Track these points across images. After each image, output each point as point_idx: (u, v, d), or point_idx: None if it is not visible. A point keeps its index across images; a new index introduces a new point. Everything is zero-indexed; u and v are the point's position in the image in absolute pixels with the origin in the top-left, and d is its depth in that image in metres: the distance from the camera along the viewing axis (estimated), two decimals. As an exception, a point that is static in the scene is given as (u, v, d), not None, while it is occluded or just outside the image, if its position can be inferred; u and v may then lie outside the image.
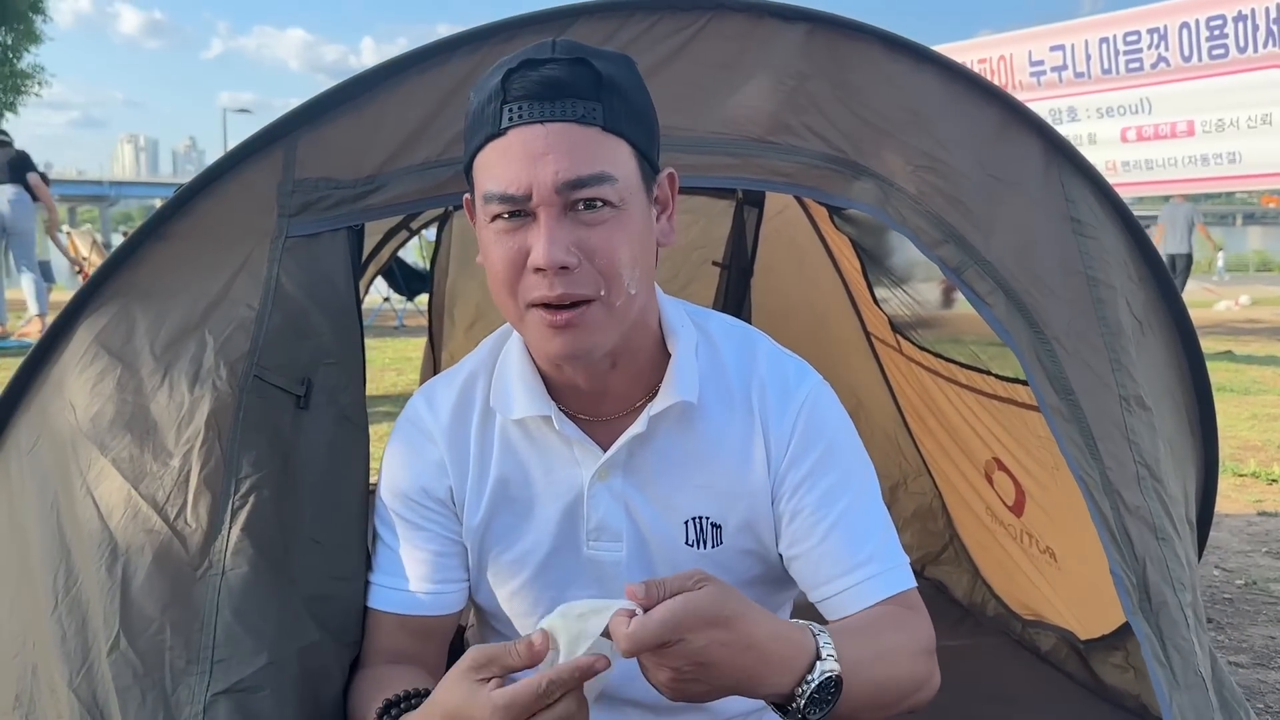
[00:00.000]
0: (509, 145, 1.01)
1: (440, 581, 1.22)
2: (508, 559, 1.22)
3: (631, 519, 1.19)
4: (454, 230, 3.31)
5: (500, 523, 1.21)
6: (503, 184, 1.01)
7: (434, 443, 1.22)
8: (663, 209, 1.13)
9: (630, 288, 1.05)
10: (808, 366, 1.24)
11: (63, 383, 1.28)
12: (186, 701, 1.10)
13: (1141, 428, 1.46)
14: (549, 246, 0.99)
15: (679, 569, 1.16)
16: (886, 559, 1.16)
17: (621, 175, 1.02)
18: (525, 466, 1.20)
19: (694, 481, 1.17)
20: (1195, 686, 1.34)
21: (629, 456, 1.17)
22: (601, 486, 1.18)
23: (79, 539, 1.20)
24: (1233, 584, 2.97)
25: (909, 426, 2.89)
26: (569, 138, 1.00)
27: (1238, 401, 6.16)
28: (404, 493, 1.23)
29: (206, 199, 1.33)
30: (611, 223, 1.02)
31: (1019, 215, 1.50)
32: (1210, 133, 6.54)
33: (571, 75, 1.01)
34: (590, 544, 1.20)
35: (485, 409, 1.21)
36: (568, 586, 1.21)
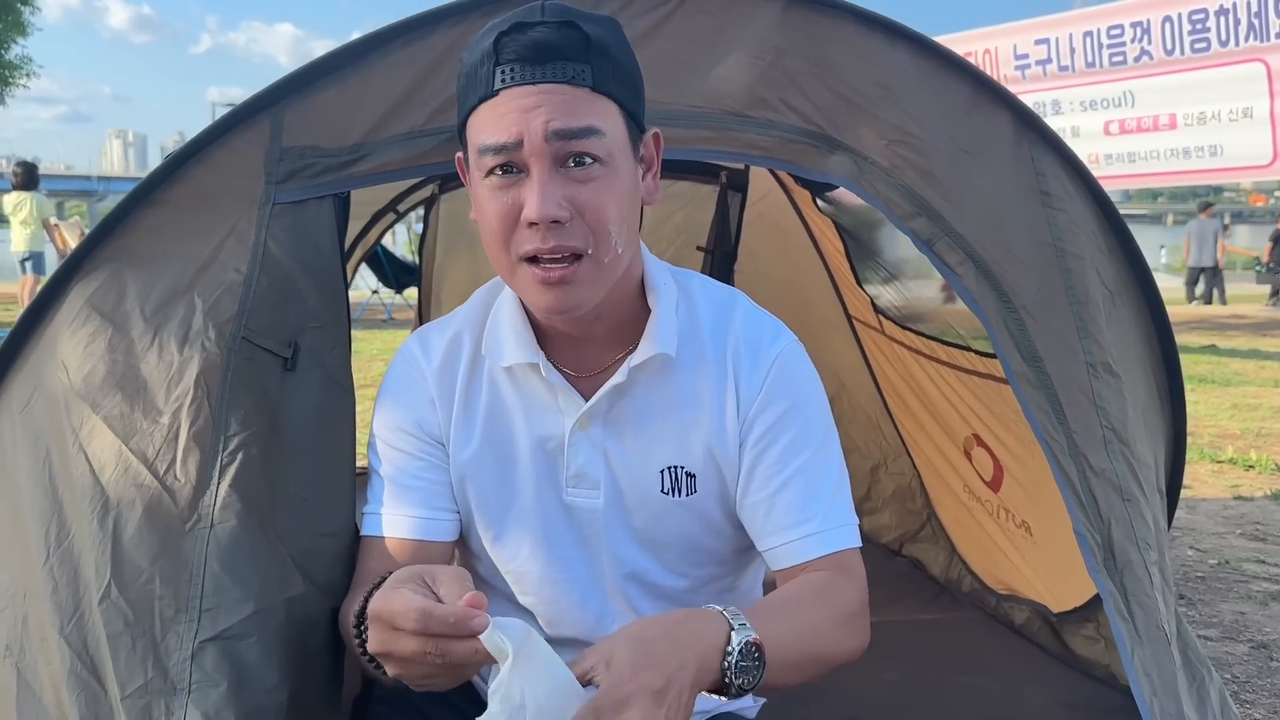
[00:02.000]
0: (500, 104, 1.05)
1: (433, 509, 1.25)
2: (492, 501, 1.26)
3: (609, 467, 1.23)
4: (440, 214, 3.34)
5: (484, 465, 1.25)
6: (495, 136, 1.04)
7: (425, 380, 1.26)
8: (648, 168, 1.16)
9: (617, 244, 1.08)
10: (783, 327, 1.27)
11: (55, 344, 1.31)
12: (175, 648, 1.13)
13: (1109, 393, 1.51)
14: (541, 200, 1.03)
15: (654, 515, 1.22)
16: (833, 517, 1.19)
17: (610, 132, 1.06)
18: (510, 412, 1.24)
19: (670, 432, 1.21)
20: (1157, 641, 1.39)
21: (609, 408, 1.21)
22: (582, 436, 1.22)
23: (71, 494, 1.23)
24: (1206, 563, 3.02)
25: (889, 408, 2.94)
26: (559, 95, 1.03)
27: (1219, 392, 6.23)
28: (399, 425, 1.26)
29: (196, 166, 1.35)
30: (601, 179, 1.06)
31: (989, 188, 1.54)
32: (1192, 125, 6.60)
33: (561, 38, 1.04)
34: (570, 490, 1.24)
35: (474, 355, 1.25)
36: (548, 532, 1.25)
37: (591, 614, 1.28)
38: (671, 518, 1.23)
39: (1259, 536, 3.30)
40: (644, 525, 1.24)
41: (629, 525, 1.24)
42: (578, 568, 1.26)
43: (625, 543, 1.25)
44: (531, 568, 1.27)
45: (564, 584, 1.27)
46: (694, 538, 1.25)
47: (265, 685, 1.13)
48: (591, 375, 1.22)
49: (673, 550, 1.25)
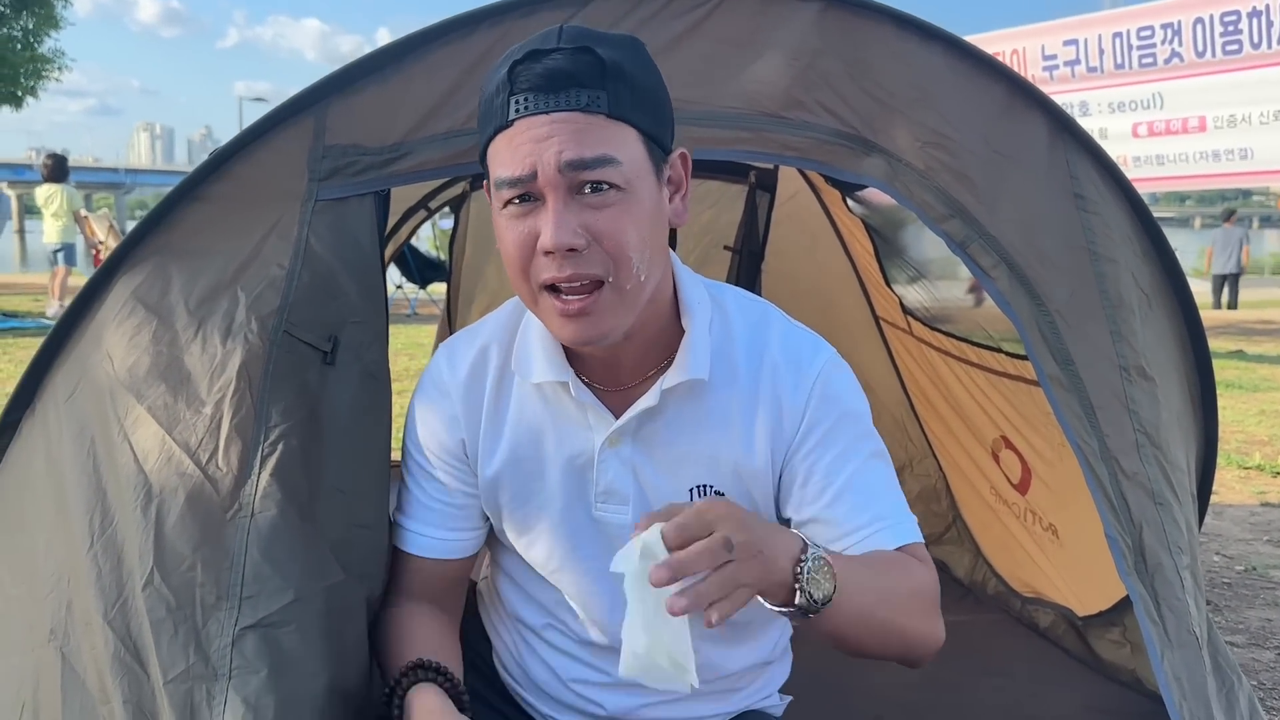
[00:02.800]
0: (515, 134, 1.04)
1: (451, 530, 1.29)
2: (521, 515, 1.27)
3: (638, 484, 1.23)
4: (471, 212, 3.36)
5: (514, 480, 1.26)
6: (510, 169, 1.04)
7: (448, 398, 1.27)
8: (676, 189, 1.15)
9: (640, 270, 1.07)
10: (821, 341, 1.26)
11: (101, 335, 1.34)
12: (216, 635, 1.15)
13: (1142, 397, 1.51)
14: (555, 229, 1.03)
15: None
16: (895, 514, 1.19)
17: (627, 159, 1.05)
18: (540, 428, 1.25)
19: (700, 451, 1.21)
20: (1188, 645, 1.39)
21: (639, 426, 1.21)
22: (611, 452, 1.22)
23: (115, 482, 1.26)
24: (1233, 569, 3.01)
25: (915, 410, 2.94)
26: (573, 124, 1.02)
27: (1246, 398, 6.18)
28: (421, 444, 1.29)
29: (240, 163, 1.38)
30: (618, 206, 1.04)
31: (1024, 191, 1.54)
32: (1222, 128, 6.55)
33: (575, 65, 1.03)
34: (599, 505, 1.24)
35: (502, 370, 1.26)
36: (578, 544, 1.26)
37: (620, 622, 1.28)
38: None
39: (1287, 544, 3.28)
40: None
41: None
42: (609, 579, 1.24)
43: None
44: (562, 578, 1.28)
45: (593, 594, 1.28)
46: None
47: (304, 672, 1.15)
48: (622, 391, 1.22)
49: None
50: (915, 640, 1.12)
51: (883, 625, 1.09)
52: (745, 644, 1.35)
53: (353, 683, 1.21)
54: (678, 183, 1.15)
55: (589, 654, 1.33)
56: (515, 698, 1.41)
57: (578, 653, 1.33)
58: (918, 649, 1.13)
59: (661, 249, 1.12)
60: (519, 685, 1.41)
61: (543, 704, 1.39)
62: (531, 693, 1.40)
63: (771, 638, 1.40)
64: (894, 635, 1.10)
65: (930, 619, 1.14)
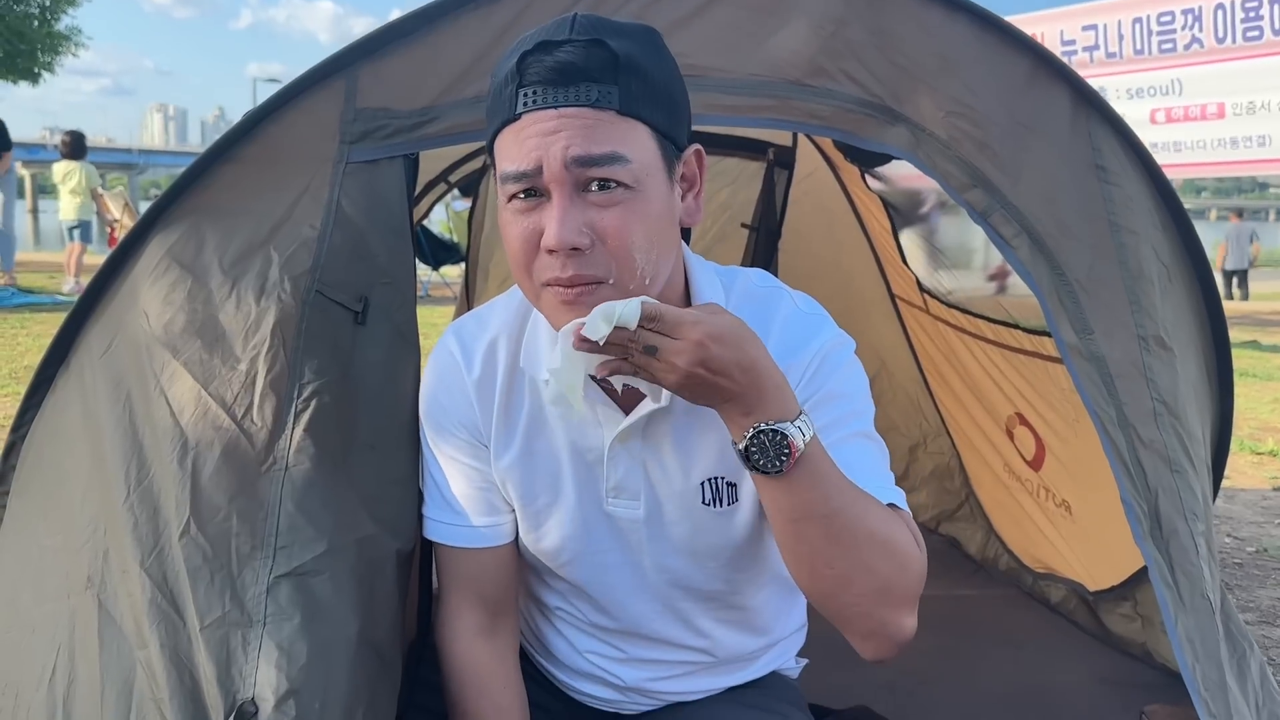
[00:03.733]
0: (523, 128, 1.02)
1: (497, 514, 1.28)
2: (533, 509, 1.26)
3: (649, 480, 1.22)
4: (491, 187, 3.38)
5: (526, 474, 1.25)
6: (516, 163, 1.02)
7: (464, 382, 1.25)
8: (690, 187, 1.12)
9: (644, 271, 1.04)
10: (825, 326, 1.22)
11: (136, 293, 1.37)
12: (251, 583, 1.18)
13: (1160, 367, 1.52)
14: (559, 228, 1.00)
15: (696, 526, 1.22)
16: (877, 481, 1.12)
17: (636, 157, 1.02)
18: (550, 422, 1.24)
19: (709, 444, 1.20)
20: (1201, 609, 1.41)
21: (647, 423, 1.20)
22: (621, 449, 1.21)
23: (151, 434, 1.29)
24: (1244, 550, 3.02)
25: (930, 387, 2.95)
26: (582, 119, 1.00)
27: (1260, 386, 6.18)
28: (442, 426, 1.27)
29: (272, 125, 1.40)
30: (625, 204, 1.01)
31: (1046, 162, 1.55)
32: (1241, 115, 6.52)
33: (586, 59, 1.00)
34: (610, 500, 1.24)
35: (512, 364, 1.24)
36: (590, 538, 1.26)
37: (635, 611, 1.30)
38: (714, 529, 1.22)
39: (1299, 527, 3.29)
40: (685, 536, 1.23)
41: (670, 536, 1.24)
42: (623, 571, 1.28)
43: (667, 553, 1.25)
44: (573, 571, 1.29)
45: (607, 586, 1.29)
46: (736, 545, 1.24)
47: (336, 619, 1.18)
48: (632, 389, 1.20)
49: (716, 559, 1.25)
50: (870, 595, 1.03)
51: (865, 536, 1.02)
52: (761, 633, 1.37)
53: (382, 632, 1.24)
54: (691, 180, 1.12)
55: (605, 635, 1.34)
56: (535, 664, 1.43)
57: (593, 632, 1.35)
58: (876, 614, 1.04)
59: (669, 249, 1.08)
60: (537, 654, 1.43)
61: (561, 672, 1.41)
62: (550, 661, 1.42)
63: (785, 623, 1.42)
64: (875, 545, 1.02)
65: (901, 590, 1.05)
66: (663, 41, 1.08)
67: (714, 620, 1.32)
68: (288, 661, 1.13)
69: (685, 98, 1.10)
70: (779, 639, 1.42)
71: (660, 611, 1.30)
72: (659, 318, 0.97)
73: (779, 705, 1.38)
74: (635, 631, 1.32)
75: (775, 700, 1.39)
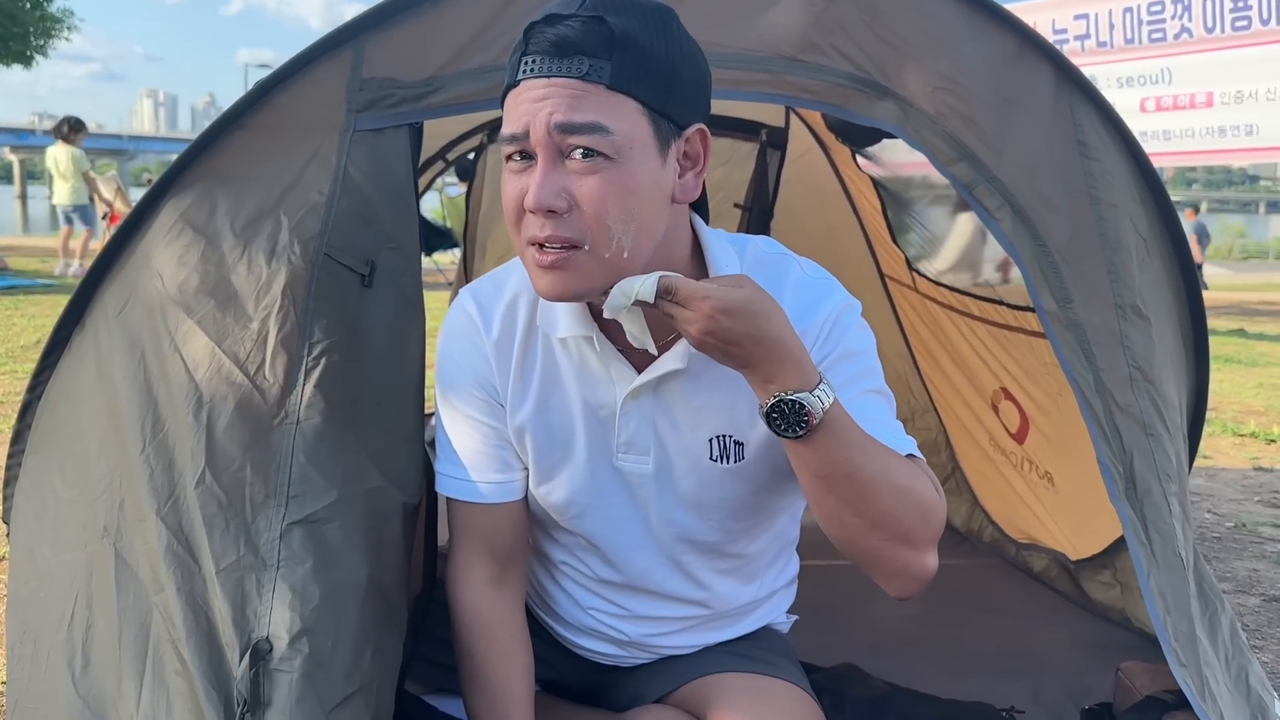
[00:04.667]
0: (520, 93, 1.08)
1: (510, 471, 1.33)
2: (546, 464, 1.31)
3: (659, 436, 1.27)
4: (488, 164, 3.42)
5: (539, 429, 1.30)
6: (510, 126, 1.08)
7: (483, 340, 1.30)
8: (692, 165, 1.15)
9: (620, 241, 1.08)
10: (834, 289, 1.26)
11: (150, 254, 1.41)
12: (265, 529, 1.24)
13: (1137, 335, 1.58)
14: (537, 189, 1.06)
15: (703, 481, 1.27)
16: (889, 432, 1.18)
17: (620, 130, 1.05)
18: (564, 379, 1.29)
19: (719, 404, 1.25)
20: (1173, 565, 1.47)
21: (660, 382, 1.25)
22: (632, 405, 1.26)
23: (166, 389, 1.34)
24: (1223, 525, 3.09)
25: (918, 364, 3.01)
26: (569, 89, 1.05)
27: (1244, 372, 6.26)
28: (463, 387, 1.31)
29: (281, 93, 1.44)
30: (604, 174, 1.06)
31: (1029, 137, 1.61)
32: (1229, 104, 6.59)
33: (583, 34, 1.05)
34: (620, 455, 1.29)
35: (530, 321, 1.29)
36: (600, 492, 1.31)
37: (640, 564, 1.35)
38: (720, 483, 1.27)
39: (1277, 504, 3.36)
40: (692, 490, 1.29)
41: (677, 490, 1.29)
42: (630, 524, 1.33)
43: (673, 506, 1.30)
44: (582, 524, 1.34)
45: (614, 539, 1.34)
46: (741, 499, 1.29)
47: (347, 565, 1.23)
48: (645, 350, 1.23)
49: (720, 511, 1.30)
50: (895, 538, 1.09)
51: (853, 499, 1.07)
52: (754, 580, 1.43)
53: (390, 580, 1.29)
54: (695, 159, 1.15)
55: (608, 590, 1.39)
56: (536, 619, 1.49)
57: (596, 589, 1.40)
58: (900, 554, 1.10)
59: (652, 223, 1.11)
60: (541, 611, 1.48)
61: (562, 628, 1.46)
62: (552, 618, 1.47)
63: (778, 574, 1.48)
64: (865, 515, 1.08)
65: (924, 531, 1.10)
66: (676, 23, 1.11)
67: (713, 571, 1.37)
68: (301, 603, 1.19)
69: (696, 76, 1.13)
70: (772, 591, 1.48)
71: (663, 564, 1.35)
72: (673, 290, 1.04)
73: (770, 655, 1.44)
74: (639, 586, 1.37)
75: (767, 650, 1.45)
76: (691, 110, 1.13)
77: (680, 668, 1.42)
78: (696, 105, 1.14)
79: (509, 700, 1.29)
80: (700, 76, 1.14)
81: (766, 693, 1.34)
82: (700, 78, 1.14)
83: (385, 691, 1.24)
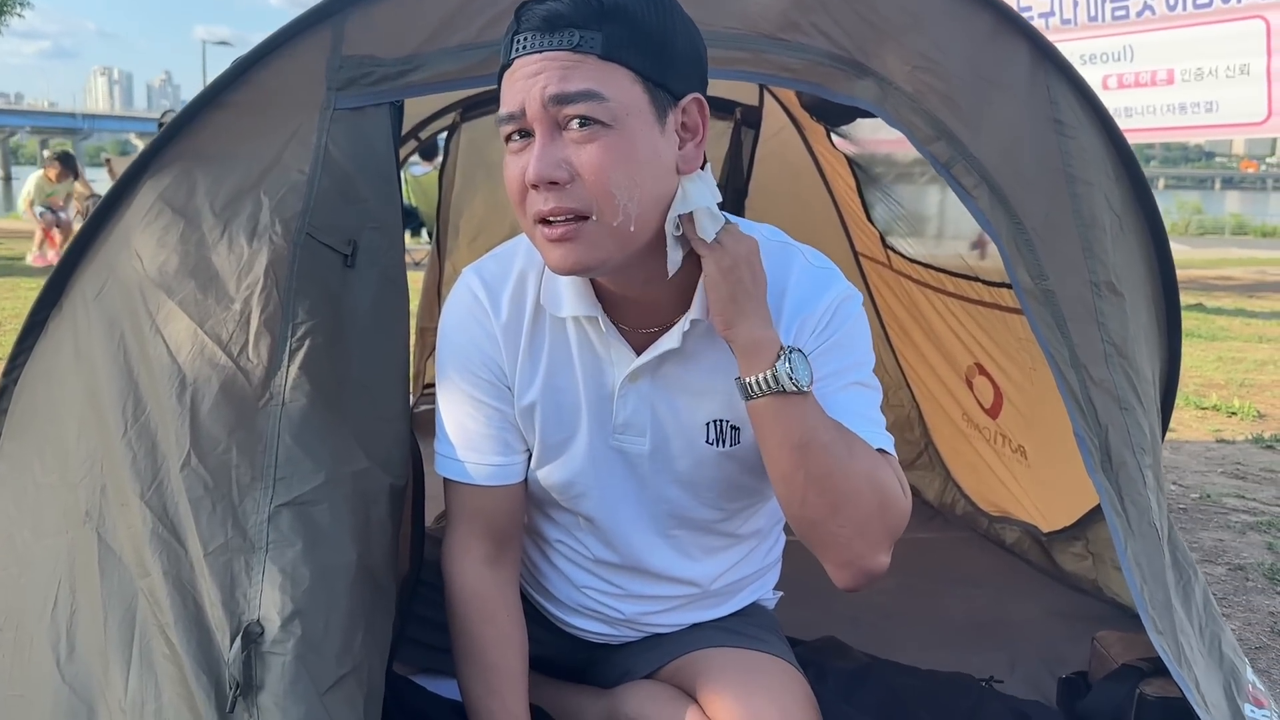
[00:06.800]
0: (514, 72, 1.08)
1: (510, 454, 1.33)
2: (550, 443, 1.32)
3: (656, 418, 1.29)
4: (461, 143, 3.40)
5: (547, 409, 1.31)
6: (506, 105, 1.09)
7: (490, 322, 1.30)
8: (691, 135, 1.14)
9: (628, 208, 1.07)
10: (836, 279, 1.27)
11: (129, 236, 1.39)
12: (253, 511, 1.23)
13: (1111, 310, 1.61)
14: (536, 162, 1.06)
15: (698, 461, 1.29)
16: (864, 425, 1.18)
17: (615, 97, 1.05)
18: (568, 361, 1.29)
19: (717, 388, 1.26)
20: (1148, 536, 1.50)
21: (659, 365, 1.26)
22: (631, 388, 1.27)
23: (148, 372, 1.32)
24: (1188, 497, 3.16)
25: (891, 343, 3.04)
26: (561, 61, 1.05)
27: (1205, 346, 6.37)
28: (463, 366, 1.31)
29: (260, 71, 1.42)
30: (602, 141, 1.06)
31: (1006, 115, 1.62)
32: (1189, 81, 6.66)
33: (574, 7, 1.05)
34: (616, 436, 1.30)
35: (538, 302, 1.29)
36: (600, 472, 1.32)
37: (637, 543, 1.37)
38: (714, 465, 1.30)
39: (1239, 475, 3.44)
40: (687, 470, 1.30)
41: (672, 470, 1.31)
42: (627, 504, 1.34)
43: (668, 485, 1.32)
44: (583, 504, 1.35)
45: (613, 518, 1.35)
46: (733, 479, 1.31)
47: (336, 546, 1.23)
48: (647, 330, 1.25)
49: (713, 490, 1.32)
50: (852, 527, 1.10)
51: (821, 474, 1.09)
52: (745, 559, 1.45)
53: (378, 561, 1.29)
54: (693, 129, 1.14)
55: (603, 570, 1.41)
56: (529, 599, 1.49)
57: (592, 568, 1.41)
58: (854, 545, 1.11)
59: (655, 193, 1.11)
60: (534, 592, 1.49)
61: (555, 607, 1.47)
62: (545, 597, 1.48)
63: (766, 553, 1.50)
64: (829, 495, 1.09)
65: (881, 527, 1.12)
66: None
67: (704, 550, 1.39)
68: (291, 585, 1.18)
69: (690, 47, 1.14)
70: (761, 569, 1.50)
71: (659, 543, 1.37)
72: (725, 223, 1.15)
73: (758, 630, 1.46)
74: (635, 566, 1.38)
75: (754, 626, 1.47)
76: (686, 80, 1.13)
77: (669, 644, 1.43)
78: (692, 75, 1.14)
79: (505, 678, 1.30)
80: (694, 47, 1.14)
81: (754, 666, 1.36)
82: (694, 48, 1.14)
83: (376, 672, 1.24)
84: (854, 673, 1.72)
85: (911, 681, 1.74)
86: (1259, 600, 2.35)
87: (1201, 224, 21.49)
